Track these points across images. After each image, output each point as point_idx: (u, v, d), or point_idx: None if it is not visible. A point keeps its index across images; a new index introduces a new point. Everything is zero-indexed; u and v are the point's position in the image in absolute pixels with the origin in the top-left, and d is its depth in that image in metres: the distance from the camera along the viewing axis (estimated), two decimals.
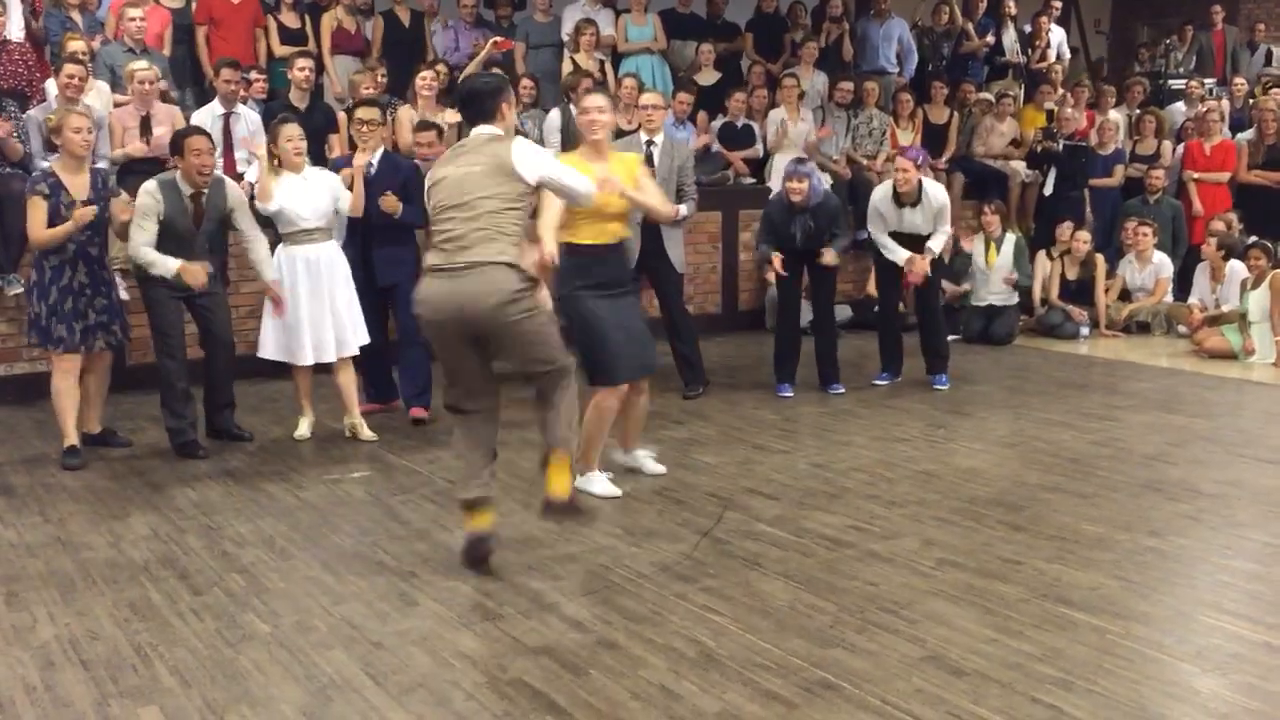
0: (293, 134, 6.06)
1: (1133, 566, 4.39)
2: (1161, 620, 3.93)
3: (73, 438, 5.82)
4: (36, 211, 5.63)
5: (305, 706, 3.31)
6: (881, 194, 7.40)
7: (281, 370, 6.45)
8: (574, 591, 4.15)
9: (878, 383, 7.58)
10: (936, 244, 7.32)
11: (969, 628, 3.82)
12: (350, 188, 6.21)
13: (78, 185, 5.71)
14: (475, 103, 4.40)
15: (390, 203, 6.26)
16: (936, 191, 7.36)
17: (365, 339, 6.28)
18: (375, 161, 6.39)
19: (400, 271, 6.39)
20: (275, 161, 6.05)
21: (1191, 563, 4.50)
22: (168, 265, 5.72)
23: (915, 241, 7.31)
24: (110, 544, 4.69)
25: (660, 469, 5.54)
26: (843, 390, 7.31)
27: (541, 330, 4.22)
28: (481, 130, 4.36)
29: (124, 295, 6.37)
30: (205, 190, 5.84)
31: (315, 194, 6.07)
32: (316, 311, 6.06)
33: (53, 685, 3.45)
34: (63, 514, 5.07)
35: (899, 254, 7.33)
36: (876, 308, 8.23)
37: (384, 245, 6.44)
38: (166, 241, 5.74)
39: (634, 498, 5.23)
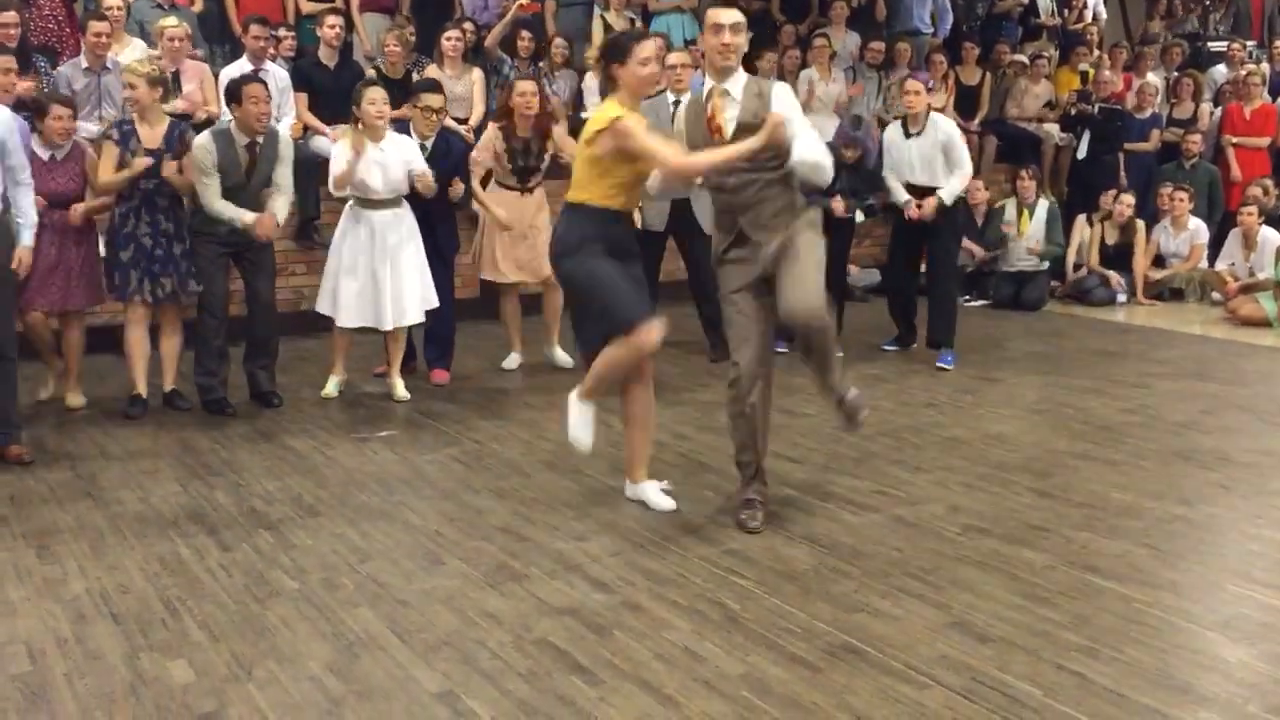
0: (376, 97, 5.99)
1: (1161, 535, 4.36)
2: (1189, 589, 3.91)
3: (139, 386, 5.91)
4: (105, 158, 5.71)
5: (332, 663, 3.34)
6: (892, 128, 7.25)
7: (313, 329, 6.47)
8: (599, 553, 4.16)
9: (886, 348, 7.48)
10: (949, 191, 6.97)
11: (995, 594, 3.80)
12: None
13: (152, 136, 5.74)
14: None
15: (427, 183, 6.13)
16: (944, 123, 7.09)
17: (434, 302, 6.24)
18: (430, 147, 6.29)
19: (438, 222, 6.37)
20: (357, 124, 6.00)
21: (1221, 531, 4.46)
22: (243, 217, 5.74)
23: (928, 193, 7.03)
24: (140, 499, 4.74)
25: (670, 505, 4.63)
26: (839, 354, 7.16)
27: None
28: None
29: None
30: (260, 140, 5.84)
31: (390, 166, 6.00)
32: (370, 276, 6.03)
33: (84, 638, 3.50)
34: (94, 469, 5.12)
35: (899, 194, 7.13)
36: (890, 271, 7.98)
37: (444, 219, 6.43)
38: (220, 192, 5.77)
39: (658, 459, 5.22)
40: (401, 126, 6.35)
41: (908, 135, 7.07)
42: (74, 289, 5.84)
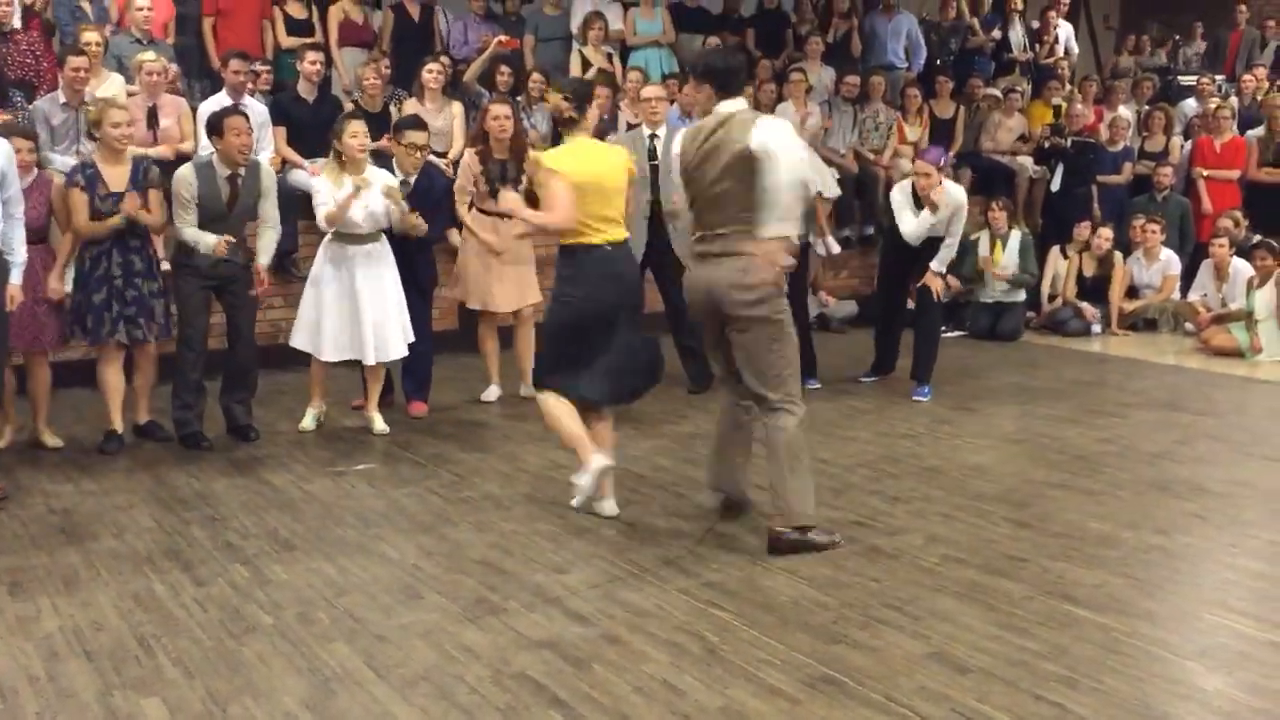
0: (358, 129, 6.00)
1: (1138, 564, 4.38)
2: (1167, 618, 3.92)
3: (114, 423, 5.86)
4: (78, 202, 5.64)
5: (308, 699, 3.31)
6: (901, 194, 7.19)
7: (290, 363, 6.45)
8: (577, 585, 4.15)
9: (864, 380, 7.51)
10: (939, 262, 7.09)
11: (973, 625, 3.81)
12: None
13: (116, 176, 5.71)
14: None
15: (412, 221, 6.20)
16: (956, 192, 7.10)
17: (413, 337, 6.25)
18: (413, 183, 6.32)
19: (415, 256, 6.40)
20: (339, 158, 6.01)
21: (1197, 561, 4.48)
22: (207, 241, 5.72)
23: (927, 243, 7.12)
24: (114, 535, 4.69)
25: (614, 511, 4.88)
26: (817, 385, 7.24)
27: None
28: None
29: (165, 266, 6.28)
30: (242, 172, 5.84)
31: (372, 200, 6.00)
32: (352, 311, 6.04)
33: (56, 676, 3.46)
34: (68, 504, 5.08)
35: (909, 227, 7.14)
36: (878, 303, 7.95)
37: (422, 250, 6.46)
38: (200, 223, 5.77)
39: (637, 491, 5.22)
40: (381, 161, 6.37)
41: (919, 205, 7.02)
42: (46, 328, 5.80)
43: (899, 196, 7.23)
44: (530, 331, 6.81)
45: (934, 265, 7.10)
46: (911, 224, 7.09)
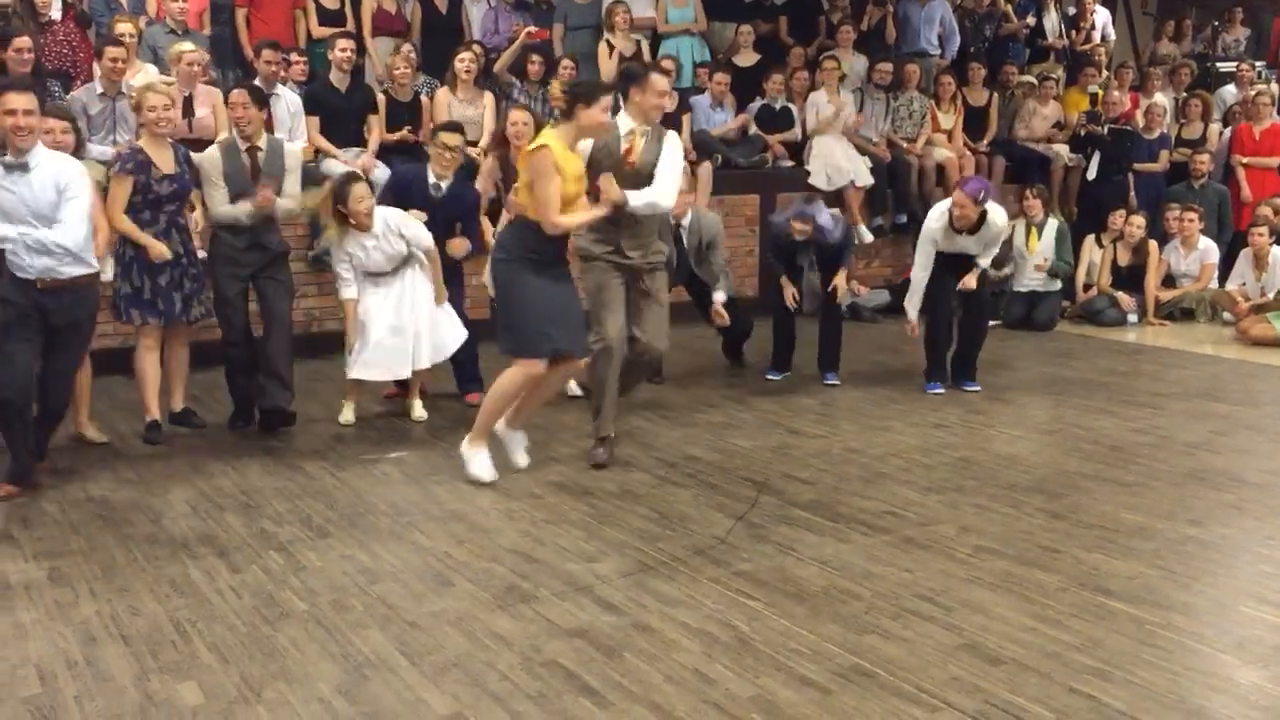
0: (363, 194, 5.95)
1: (1174, 556, 4.34)
2: (1202, 611, 3.89)
3: (154, 412, 5.91)
4: (119, 190, 5.62)
5: (341, 684, 3.34)
6: (938, 219, 6.83)
7: (324, 351, 6.47)
8: (609, 574, 4.16)
9: (931, 392, 7.03)
10: (986, 258, 6.90)
11: (1006, 616, 3.79)
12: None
13: (163, 160, 5.76)
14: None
15: (458, 246, 6.27)
16: (998, 217, 6.79)
17: (462, 334, 6.29)
18: (445, 187, 6.31)
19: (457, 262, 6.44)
20: (346, 221, 5.95)
21: (1234, 553, 4.44)
22: (245, 208, 5.79)
23: (963, 260, 6.88)
24: (151, 521, 4.75)
25: (525, 462, 5.35)
26: (838, 381, 7.15)
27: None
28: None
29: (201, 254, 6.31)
30: (260, 146, 5.90)
31: (387, 244, 6.01)
32: (397, 328, 6.07)
33: (94, 660, 3.50)
34: (105, 490, 5.14)
35: (914, 298, 6.99)
36: (927, 320, 7.33)
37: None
38: (230, 200, 5.84)
39: (669, 481, 5.23)
40: (409, 156, 6.37)
41: (957, 231, 6.77)
42: None
43: (935, 224, 6.85)
44: None
45: (982, 262, 6.88)
46: (952, 243, 6.85)
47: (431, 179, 6.28)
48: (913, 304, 7.05)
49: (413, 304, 6.09)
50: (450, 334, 6.25)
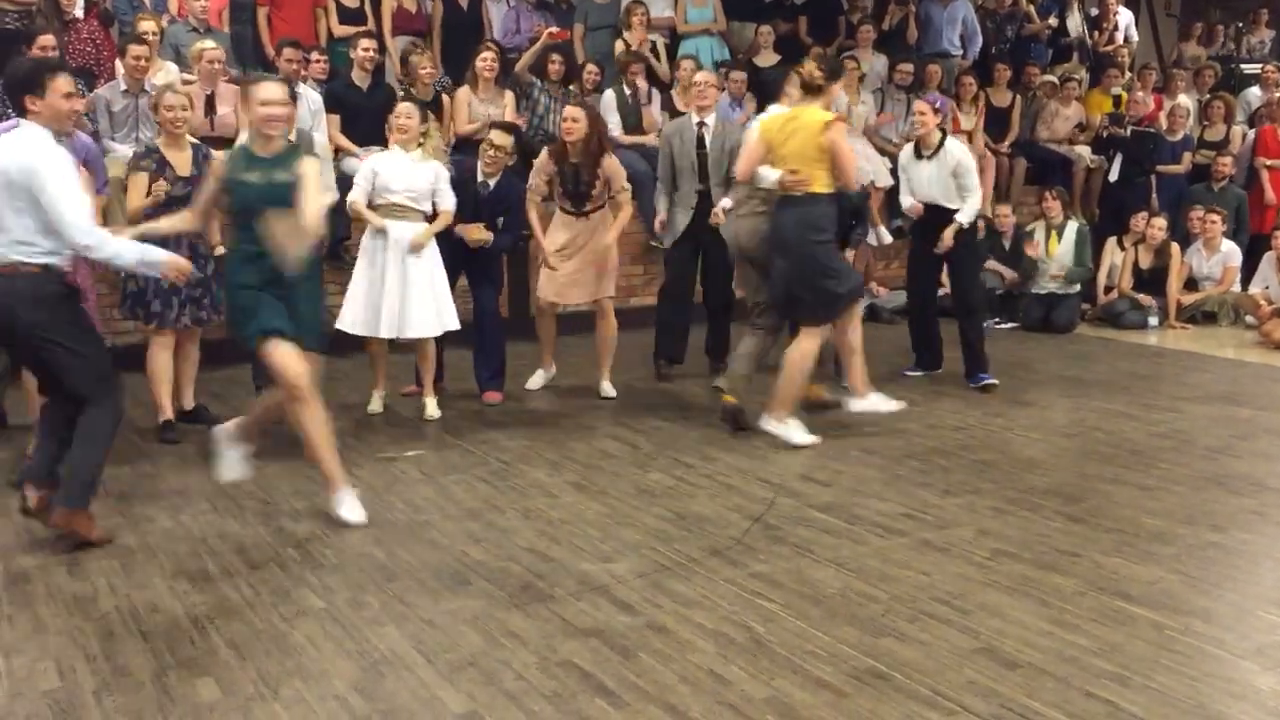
0: (401, 111, 6.22)
1: (1194, 561, 4.31)
2: (1222, 616, 3.86)
3: (168, 412, 5.93)
4: (136, 186, 5.71)
5: (357, 682, 3.35)
6: (905, 150, 7.29)
7: (344, 349, 6.48)
8: (625, 574, 4.16)
9: (909, 374, 7.35)
10: (964, 214, 6.92)
11: (1024, 620, 3.77)
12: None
13: (181, 161, 5.79)
14: None
15: (473, 231, 6.33)
16: (956, 148, 6.98)
17: (454, 325, 6.26)
18: (492, 184, 6.43)
19: (485, 250, 6.48)
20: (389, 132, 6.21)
21: (1254, 558, 4.40)
22: None
23: (942, 215, 6.94)
24: (170, 517, 4.77)
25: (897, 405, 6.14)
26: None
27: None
28: None
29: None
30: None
31: (415, 175, 6.10)
32: (395, 286, 6.07)
33: (112, 655, 3.52)
34: (124, 487, 5.16)
35: (904, 200, 7.19)
36: (906, 295, 7.76)
37: (496, 246, 6.56)
38: None
39: (685, 481, 5.23)
40: (462, 151, 6.45)
41: (919, 156, 7.05)
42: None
43: (905, 156, 7.21)
44: (611, 325, 6.79)
45: (960, 216, 6.93)
46: (917, 173, 7.05)
47: (480, 176, 6.42)
48: (905, 199, 7.25)
49: (401, 276, 6.07)
50: (436, 317, 6.17)
